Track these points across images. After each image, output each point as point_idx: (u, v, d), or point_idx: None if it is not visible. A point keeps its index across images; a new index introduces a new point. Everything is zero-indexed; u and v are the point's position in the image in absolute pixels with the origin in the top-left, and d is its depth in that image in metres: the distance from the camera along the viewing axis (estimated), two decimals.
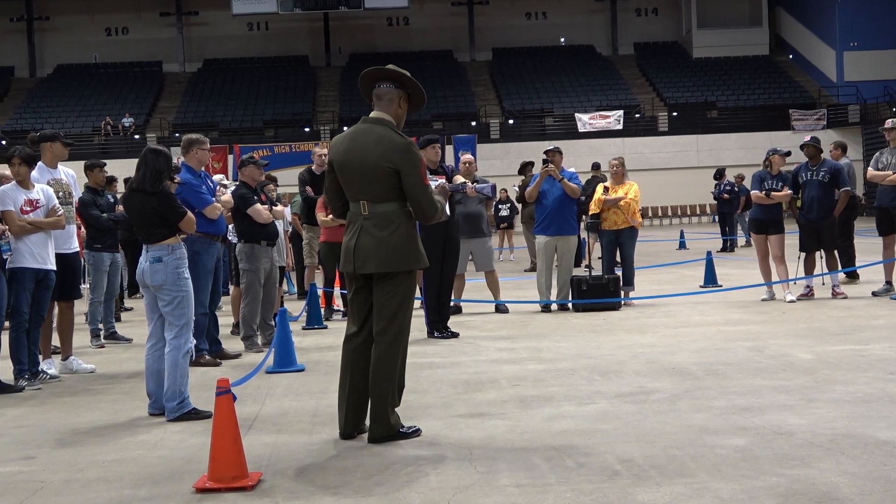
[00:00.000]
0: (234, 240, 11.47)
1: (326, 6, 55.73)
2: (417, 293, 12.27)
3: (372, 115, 6.15)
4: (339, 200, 6.21)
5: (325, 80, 56.77)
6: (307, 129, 49.09)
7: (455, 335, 10.77)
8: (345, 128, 47.94)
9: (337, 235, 12.98)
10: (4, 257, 8.38)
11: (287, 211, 13.99)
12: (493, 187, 12.24)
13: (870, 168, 13.36)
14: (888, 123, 13.34)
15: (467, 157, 13.36)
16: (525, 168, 19.97)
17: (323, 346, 10.42)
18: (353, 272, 6.06)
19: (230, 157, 42.52)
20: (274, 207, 11.00)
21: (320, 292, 12.87)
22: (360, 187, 5.99)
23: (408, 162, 5.92)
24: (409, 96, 6.23)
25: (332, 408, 7.09)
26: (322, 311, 12.50)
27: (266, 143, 46.12)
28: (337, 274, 13.18)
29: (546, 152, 13.10)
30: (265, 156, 40.04)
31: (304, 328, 11.85)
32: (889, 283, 13.00)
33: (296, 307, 13.79)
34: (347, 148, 6.06)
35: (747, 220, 25.25)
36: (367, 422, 6.10)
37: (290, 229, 13.91)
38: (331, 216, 12.76)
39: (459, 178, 12.17)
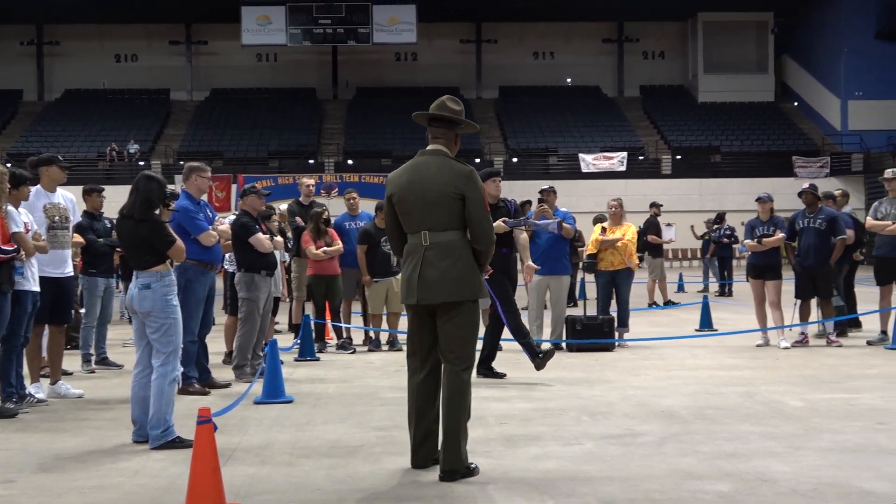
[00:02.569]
0: (231, 269, 11.48)
1: (335, 40, 56.00)
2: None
3: (430, 147, 6.17)
4: (400, 235, 6.19)
5: (332, 112, 56.98)
6: (311, 161, 49.19)
7: (501, 375, 10.39)
8: (349, 161, 48.14)
9: (325, 268, 12.97)
10: (17, 279, 8.36)
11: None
12: (559, 224, 12.29)
13: (868, 217, 13.37)
14: (888, 173, 13.36)
15: None
16: (523, 207, 20.03)
17: (314, 379, 10.38)
18: (417, 304, 6.02)
19: (234, 187, 42.56)
20: (274, 238, 11.01)
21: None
22: (422, 217, 5.99)
23: (472, 187, 5.96)
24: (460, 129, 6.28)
25: (315, 440, 7.09)
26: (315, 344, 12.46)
27: (270, 173, 46.21)
28: (327, 305, 13.14)
29: (541, 192, 13.10)
30: (268, 186, 40.06)
31: (296, 360, 11.81)
32: (884, 332, 12.97)
33: (284, 339, 13.74)
34: (409, 179, 6.06)
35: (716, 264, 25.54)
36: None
37: (287, 260, 13.88)
38: (322, 249, 12.85)
39: (547, 217, 12.30)
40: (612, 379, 10.12)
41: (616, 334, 12.97)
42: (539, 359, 10.06)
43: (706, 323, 15.18)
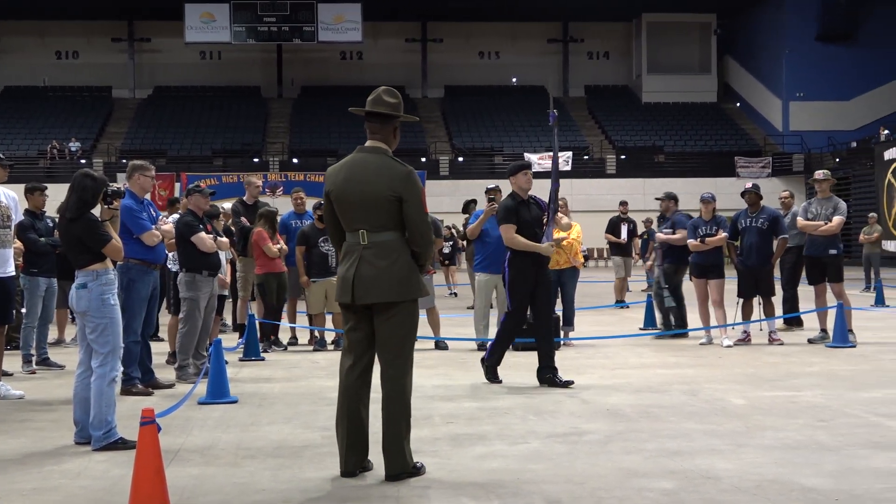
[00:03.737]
0: (175, 268, 11.38)
1: (280, 38, 55.73)
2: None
3: (368, 144, 6.06)
4: (340, 232, 6.11)
5: (277, 111, 56.68)
6: (256, 160, 48.91)
7: (568, 384, 9.58)
8: (294, 160, 47.92)
9: (275, 266, 12.94)
10: None
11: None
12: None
13: (799, 218, 13.58)
14: (819, 174, 13.61)
15: None
16: (468, 206, 20.08)
17: (259, 379, 10.32)
18: (352, 303, 5.94)
19: (177, 186, 42.20)
20: (218, 238, 10.92)
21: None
22: (360, 216, 5.91)
23: (410, 189, 5.86)
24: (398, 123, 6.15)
25: (260, 440, 7.04)
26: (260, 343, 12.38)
27: (214, 172, 45.85)
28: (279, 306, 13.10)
29: (489, 190, 13.14)
30: (212, 185, 39.76)
31: (240, 360, 11.74)
32: (824, 330, 13.16)
33: (229, 339, 13.64)
34: (347, 178, 5.96)
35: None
36: (384, 457, 5.92)
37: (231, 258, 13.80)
38: (277, 246, 12.81)
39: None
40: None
41: (561, 333, 13.02)
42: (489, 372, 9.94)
43: (650, 321, 15.30)
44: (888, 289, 21.51)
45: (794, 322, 14.97)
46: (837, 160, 46.81)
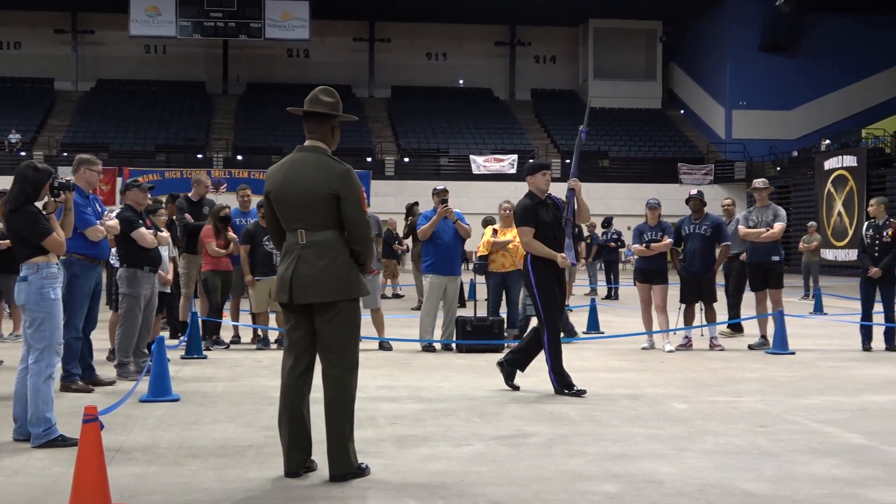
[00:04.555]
0: (116, 264, 11.24)
1: (226, 34, 55.30)
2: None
3: (306, 143, 6.04)
4: (281, 231, 6.06)
5: (222, 107, 56.26)
6: (200, 156, 48.51)
7: (581, 393, 9.19)
8: (238, 156, 47.59)
9: (222, 264, 12.88)
10: None
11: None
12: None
13: (740, 226, 13.74)
14: (758, 183, 13.81)
15: None
16: (412, 209, 20.12)
17: (201, 377, 10.23)
18: (290, 302, 5.90)
19: (119, 180, 41.75)
20: (159, 233, 10.81)
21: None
22: (298, 215, 5.87)
23: (348, 187, 5.83)
24: (337, 122, 6.14)
25: (203, 439, 6.99)
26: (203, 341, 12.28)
27: (157, 167, 45.40)
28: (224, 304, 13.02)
29: (440, 192, 13.17)
30: (155, 180, 39.40)
31: (182, 357, 11.63)
32: (764, 337, 13.34)
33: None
34: (285, 177, 5.93)
35: (599, 268, 26.00)
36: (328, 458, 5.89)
37: (175, 254, 13.67)
38: (224, 249, 12.73)
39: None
40: (501, 380, 10.15)
41: (505, 335, 13.06)
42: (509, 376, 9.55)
43: (593, 325, 15.39)
44: (826, 297, 21.82)
45: (737, 328, 15.14)
46: (779, 169, 47.43)
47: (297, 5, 54.71)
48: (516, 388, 9.45)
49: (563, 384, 9.24)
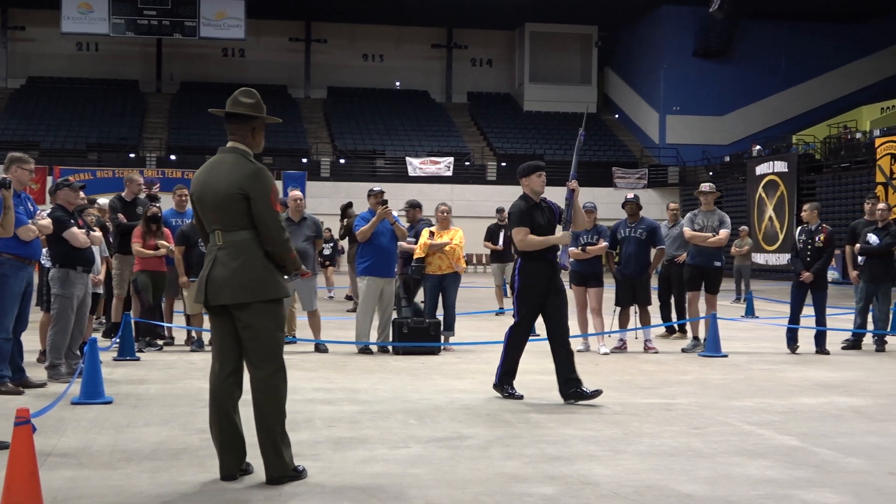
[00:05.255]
0: (48, 264, 11.06)
1: (160, 32, 54.66)
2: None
3: (228, 145, 6.00)
4: (206, 233, 6.03)
5: (155, 106, 55.65)
6: (132, 155, 47.94)
7: (519, 397, 9.10)
8: (172, 156, 47.15)
9: (153, 264, 12.73)
10: None
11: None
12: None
13: (686, 228, 13.86)
14: (705, 187, 13.94)
15: (296, 193, 13.33)
16: (346, 210, 20.09)
17: (134, 379, 10.10)
18: (207, 304, 5.87)
19: (49, 179, 41.13)
20: (91, 233, 10.65)
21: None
22: (215, 217, 5.85)
23: (257, 186, 5.78)
24: (260, 123, 6.05)
25: (136, 442, 6.90)
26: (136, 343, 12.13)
27: (89, 166, 44.82)
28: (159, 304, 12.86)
29: (377, 193, 13.15)
30: (86, 179, 38.91)
31: (115, 359, 11.47)
32: (696, 338, 13.48)
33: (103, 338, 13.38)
34: (204, 179, 5.92)
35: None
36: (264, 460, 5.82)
37: (108, 254, 13.49)
38: (150, 250, 12.58)
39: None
40: (438, 382, 10.19)
41: (442, 338, 13.07)
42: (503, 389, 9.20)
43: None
44: (758, 300, 22.13)
45: (682, 329, 15.16)
46: (711, 174, 48.00)
47: (232, 4, 54.25)
48: (598, 393, 8.85)
49: (501, 382, 9.14)
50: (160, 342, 13.02)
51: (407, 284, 13.65)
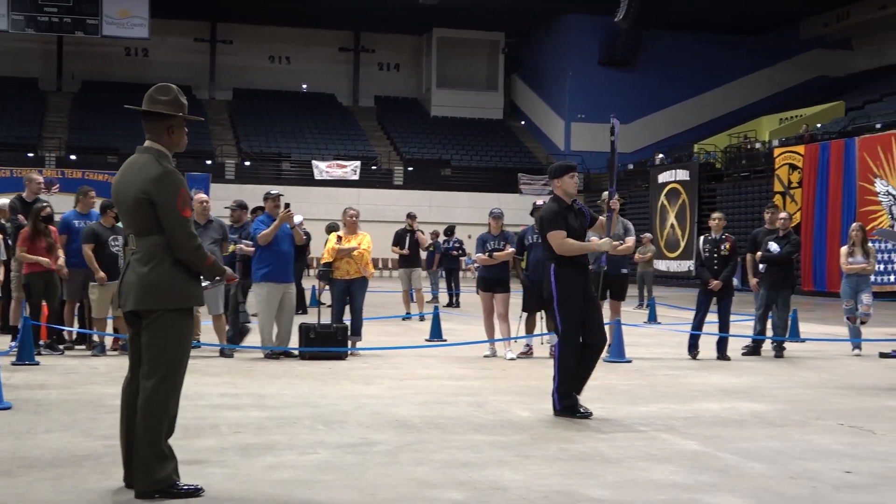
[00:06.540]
0: None
1: (61, 29, 53.43)
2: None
3: (144, 144, 5.85)
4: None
5: (55, 105, 54.46)
6: (31, 155, 46.82)
7: (587, 415, 8.57)
8: (72, 156, 46.26)
9: (40, 266, 12.40)
10: None
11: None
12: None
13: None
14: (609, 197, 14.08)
15: (201, 195, 13.15)
16: (254, 212, 19.89)
17: (34, 384, 9.86)
18: (121, 310, 5.77)
19: None
20: None
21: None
22: (128, 220, 5.72)
23: (161, 191, 5.59)
24: (178, 122, 5.87)
25: (37, 449, 6.75)
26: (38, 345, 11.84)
27: None
28: (45, 308, 12.55)
29: (274, 197, 13.05)
30: None
31: (13, 363, 11.19)
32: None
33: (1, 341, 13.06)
34: (118, 180, 5.79)
35: (441, 275, 26.28)
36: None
37: (5, 257, 13.16)
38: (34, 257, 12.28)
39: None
40: (345, 388, 10.14)
41: (349, 343, 13.02)
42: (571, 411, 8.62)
43: (436, 333, 15.47)
44: (660, 306, 22.47)
45: None
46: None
47: (135, 3, 53.24)
48: (588, 414, 8.59)
49: (565, 407, 8.58)
50: (61, 347, 12.73)
51: (245, 289, 13.57)
